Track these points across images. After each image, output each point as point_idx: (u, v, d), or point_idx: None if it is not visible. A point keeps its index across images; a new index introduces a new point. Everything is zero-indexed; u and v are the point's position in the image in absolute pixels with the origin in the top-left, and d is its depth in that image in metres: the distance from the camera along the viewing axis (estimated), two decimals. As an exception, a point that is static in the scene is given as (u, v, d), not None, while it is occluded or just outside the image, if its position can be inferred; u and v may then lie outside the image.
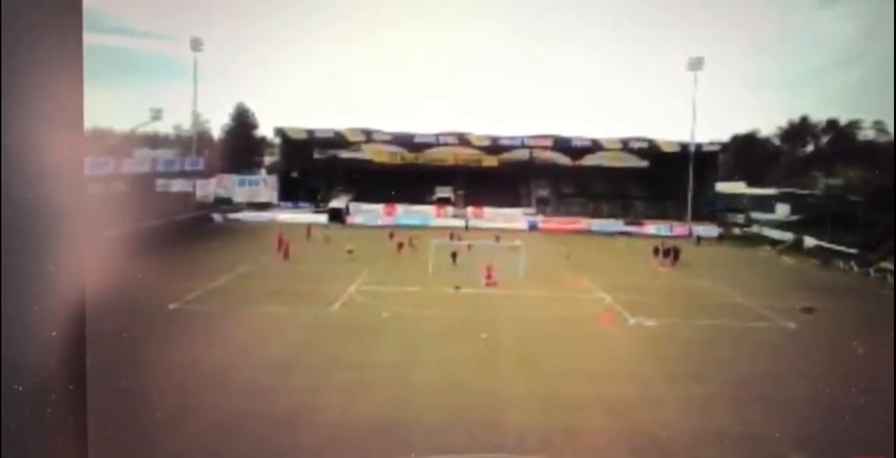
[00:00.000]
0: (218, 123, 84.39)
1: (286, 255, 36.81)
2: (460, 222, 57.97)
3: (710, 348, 21.94)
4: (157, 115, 61.97)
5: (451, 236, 42.48)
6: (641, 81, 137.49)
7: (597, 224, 59.79)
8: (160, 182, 55.76)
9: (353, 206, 61.82)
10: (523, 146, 69.38)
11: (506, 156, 70.26)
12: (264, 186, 67.20)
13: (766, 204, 65.25)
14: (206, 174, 64.35)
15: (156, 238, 40.60)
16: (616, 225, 59.64)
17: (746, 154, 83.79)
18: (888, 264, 39.40)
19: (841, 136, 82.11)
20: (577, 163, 70.57)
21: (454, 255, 36.53)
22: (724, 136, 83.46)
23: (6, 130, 2.16)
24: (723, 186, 69.27)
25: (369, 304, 26.32)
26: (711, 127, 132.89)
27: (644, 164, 69.88)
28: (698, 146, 62.40)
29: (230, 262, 34.45)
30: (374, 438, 13.74)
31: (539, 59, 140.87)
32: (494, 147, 68.81)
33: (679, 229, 58.12)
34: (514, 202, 64.27)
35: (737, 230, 59.61)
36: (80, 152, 2.34)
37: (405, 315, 24.66)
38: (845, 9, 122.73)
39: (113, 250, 28.37)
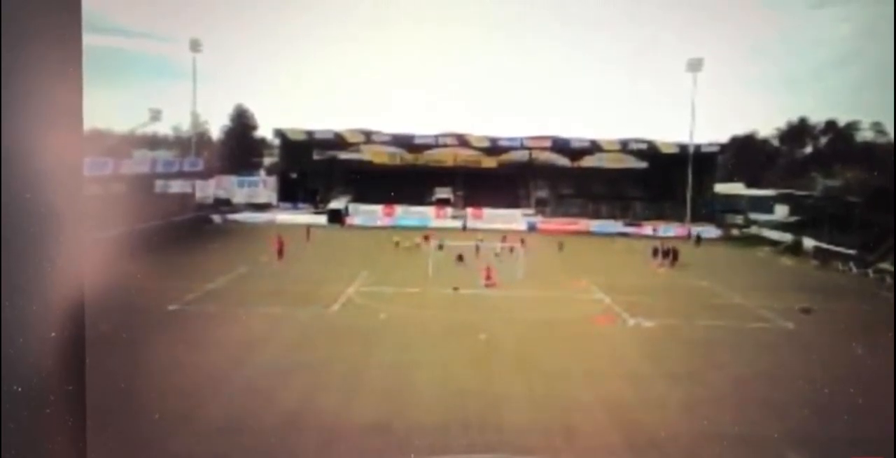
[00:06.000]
0: (217, 124, 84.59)
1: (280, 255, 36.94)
2: (469, 224, 57.89)
3: (708, 348, 21.96)
4: (156, 116, 61.95)
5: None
6: (640, 82, 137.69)
7: (596, 225, 59.84)
8: (159, 183, 55.74)
9: (353, 207, 61.82)
10: (522, 147, 69.40)
11: (505, 157, 70.30)
12: (263, 187, 67.23)
13: (764, 205, 65.27)
14: (206, 175, 64.36)
15: (155, 239, 40.56)
16: (615, 226, 59.69)
17: (745, 155, 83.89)
18: (887, 265, 39.43)
19: (839, 137, 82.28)
20: (576, 164, 70.60)
21: (460, 257, 36.80)
22: (723, 137, 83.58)
23: (5, 130, 2.16)
24: (722, 187, 69.29)
25: (368, 305, 26.33)
26: (710, 128, 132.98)
27: (643, 165, 69.92)
28: (697, 147, 62.42)
29: (229, 263, 34.44)
30: (372, 439, 13.74)
31: (538, 60, 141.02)
32: (493, 148, 68.83)
33: (678, 229, 58.18)
34: (514, 203, 64.25)
35: (736, 231, 59.63)
36: (79, 153, 2.34)
37: (404, 316, 24.67)
38: (843, 9, 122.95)
39: (112, 251, 28.34)
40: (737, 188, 72.55)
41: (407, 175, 65.59)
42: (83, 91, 2.32)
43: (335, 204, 62.06)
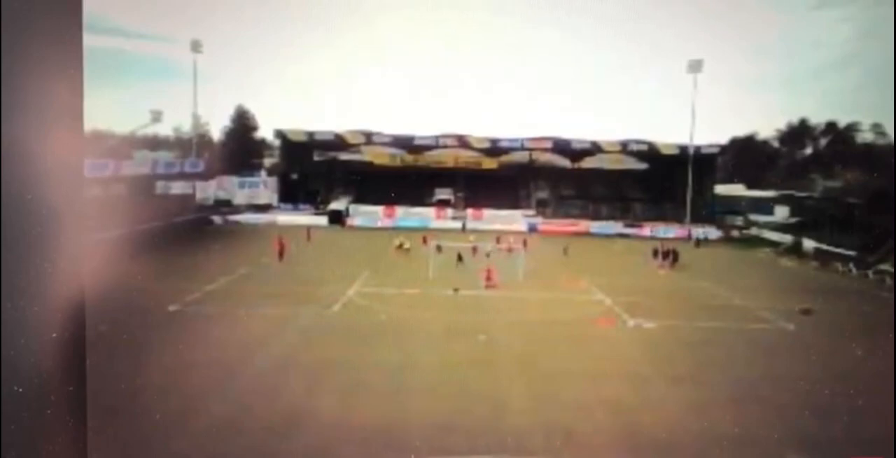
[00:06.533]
0: (218, 125, 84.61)
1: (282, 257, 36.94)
2: (469, 225, 57.95)
3: (709, 349, 21.95)
4: (156, 117, 61.94)
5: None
6: (641, 83, 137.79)
7: (596, 226, 59.85)
8: (160, 184, 55.77)
9: (353, 208, 61.83)
10: (523, 148, 69.43)
11: (505, 158, 70.29)
12: (264, 188, 67.19)
13: (764, 206, 65.28)
14: (206, 176, 64.33)
15: (156, 240, 40.59)
16: (615, 227, 59.69)
17: (745, 156, 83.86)
18: (887, 266, 39.42)
19: (839, 138, 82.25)
20: (577, 165, 70.61)
21: (459, 256, 36.69)
22: (723, 138, 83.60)
23: (5, 131, 2.16)
24: (722, 189, 69.30)
25: (369, 306, 26.32)
26: (710, 129, 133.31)
27: (643, 166, 69.92)
28: (697, 149, 62.43)
29: (230, 264, 34.42)
30: (372, 440, 13.73)
31: (538, 61, 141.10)
32: (494, 149, 68.84)
33: (678, 231, 58.18)
34: (514, 204, 64.28)
35: (736, 232, 59.65)
36: (80, 154, 2.34)
37: (404, 317, 24.66)
38: (844, 10, 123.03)
39: (113, 252, 28.35)
40: (737, 190, 72.56)
41: (407, 176, 65.58)
42: (84, 92, 2.32)
43: (336, 205, 62.08)
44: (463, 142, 68.01)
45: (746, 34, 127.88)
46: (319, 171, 68.95)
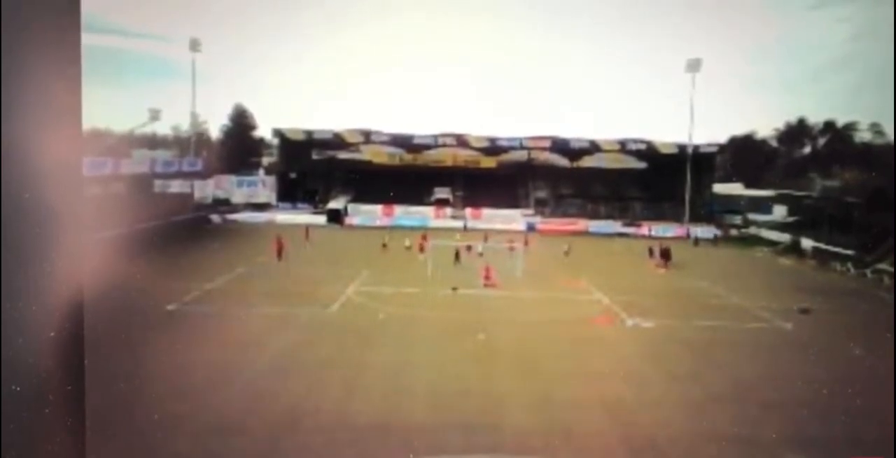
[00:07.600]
0: (216, 124, 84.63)
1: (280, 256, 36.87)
2: (468, 224, 57.97)
3: (707, 349, 21.98)
4: (155, 115, 61.81)
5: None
6: (639, 82, 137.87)
7: (595, 225, 59.85)
8: (158, 183, 55.68)
9: (352, 207, 61.80)
10: (522, 148, 69.42)
11: (504, 157, 70.27)
12: (262, 187, 67.12)
13: (763, 206, 65.33)
14: (205, 175, 64.26)
15: (154, 239, 40.52)
16: (614, 226, 59.71)
17: (744, 156, 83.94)
18: (885, 266, 39.48)
19: (838, 138, 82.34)
20: (576, 164, 70.62)
21: (457, 255, 36.78)
22: (722, 137, 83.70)
23: (4, 130, 2.16)
24: (720, 188, 69.32)
25: (367, 305, 26.32)
26: (709, 129, 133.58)
27: (642, 165, 69.90)
28: (696, 148, 62.44)
29: (228, 263, 34.40)
30: (371, 440, 13.74)
31: (537, 60, 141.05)
32: (493, 148, 68.83)
33: (677, 230, 58.20)
34: (513, 203, 64.25)
35: (734, 232, 59.70)
36: (79, 153, 2.34)
37: (403, 316, 24.66)
38: (843, 10, 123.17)
39: (111, 251, 28.32)
40: (735, 189, 72.60)
41: (406, 175, 65.53)
42: (82, 91, 2.32)
43: (334, 204, 62.03)
44: (462, 141, 68.00)
45: (745, 34, 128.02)
46: (318, 170, 68.87)
